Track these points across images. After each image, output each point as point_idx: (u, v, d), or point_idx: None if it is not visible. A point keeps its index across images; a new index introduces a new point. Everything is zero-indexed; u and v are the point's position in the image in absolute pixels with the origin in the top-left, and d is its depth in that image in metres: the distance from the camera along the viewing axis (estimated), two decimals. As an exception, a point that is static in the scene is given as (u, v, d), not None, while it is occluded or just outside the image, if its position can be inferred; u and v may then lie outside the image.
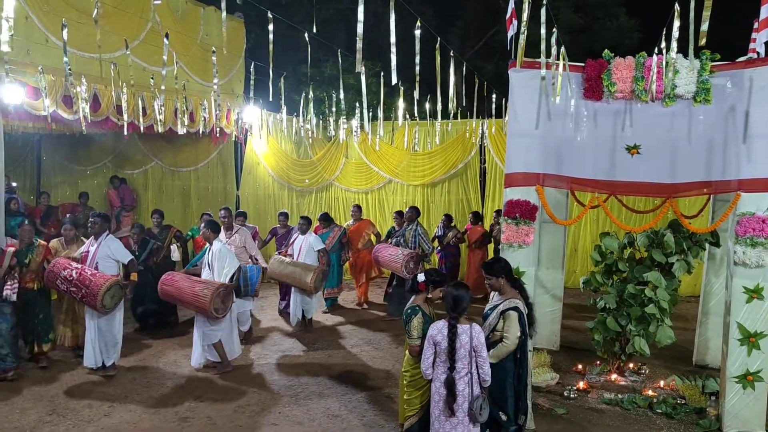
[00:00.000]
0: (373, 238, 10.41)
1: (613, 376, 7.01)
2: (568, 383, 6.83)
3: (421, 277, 4.94)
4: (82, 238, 7.71)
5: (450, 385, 4.33)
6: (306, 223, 9.13)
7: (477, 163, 12.43)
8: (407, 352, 4.91)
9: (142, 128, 8.88)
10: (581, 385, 6.76)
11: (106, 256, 7.07)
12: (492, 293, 5.23)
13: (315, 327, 9.19)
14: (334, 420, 6.00)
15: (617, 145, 6.43)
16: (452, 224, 11.00)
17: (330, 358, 7.87)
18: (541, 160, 6.60)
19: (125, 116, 8.22)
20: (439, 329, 4.40)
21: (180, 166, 13.58)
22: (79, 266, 6.87)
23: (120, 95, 7.99)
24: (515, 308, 4.86)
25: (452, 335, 4.32)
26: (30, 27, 7.18)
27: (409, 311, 4.88)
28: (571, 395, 6.53)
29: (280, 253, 9.23)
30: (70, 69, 6.19)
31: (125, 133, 8.62)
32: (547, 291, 7.86)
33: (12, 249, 6.86)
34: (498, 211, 10.97)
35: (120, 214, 12.89)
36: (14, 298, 6.69)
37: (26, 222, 7.42)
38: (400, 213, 10.42)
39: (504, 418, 4.86)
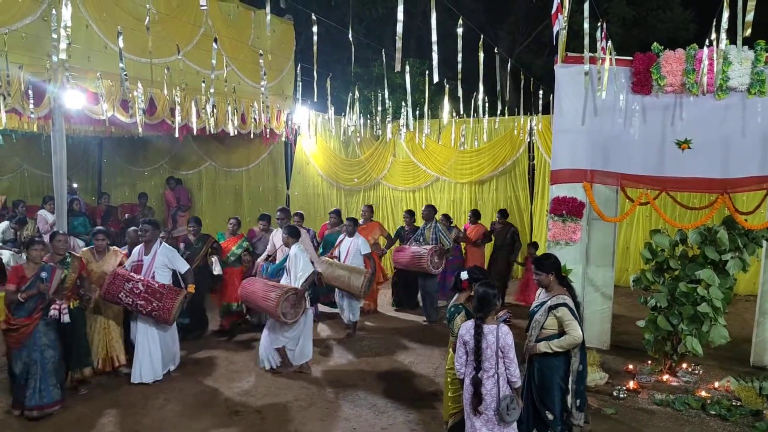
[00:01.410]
0: (381, 240, 10.19)
1: (665, 377, 6.85)
2: (618, 383, 6.71)
3: (464, 275, 4.96)
4: (114, 248, 7.18)
5: (476, 384, 4.32)
6: (353, 225, 8.95)
7: (525, 160, 12.30)
8: (451, 350, 4.94)
9: (195, 130, 9.18)
10: (631, 385, 6.64)
11: (162, 265, 6.83)
12: (538, 291, 5.19)
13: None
14: (380, 416, 6.06)
15: (667, 139, 6.31)
16: (452, 224, 10.72)
17: (375, 358, 7.91)
18: (589, 156, 6.53)
19: (178, 119, 8.49)
20: (467, 329, 4.41)
21: (232, 166, 13.93)
22: (142, 278, 6.55)
23: (174, 98, 8.28)
24: (564, 304, 4.81)
25: (478, 335, 4.31)
26: (90, 35, 7.49)
27: (452, 309, 4.91)
28: (621, 395, 6.42)
29: (328, 256, 9.06)
30: (126, 74, 6.46)
31: (177, 135, 8.89)
32: (596, 289, 7.74)
33: (61, 269, 6.15)
34: (501, 211, 10.82)
35: (176, 214, 13.33)
36: (67, 318, 5.98)
37: (59, 232, 6.71)
38: (410, 212, 10.41)
39: (550, 417, 4.83)
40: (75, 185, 13.54)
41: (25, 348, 5.85)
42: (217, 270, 8.54)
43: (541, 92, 10.98)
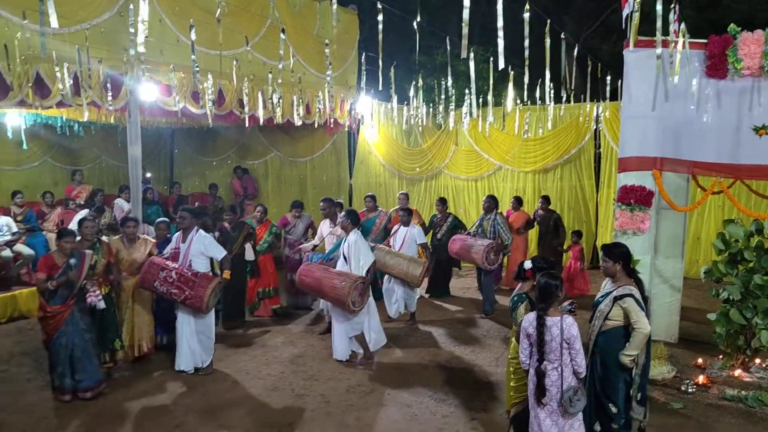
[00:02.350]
0: (420, 229, 9.75)
1: (737, 372, 6.61)
2: (687, 377, 6.51)
3: (527, 264, 4.92)
4: (144, 236, 7.27)
5: (539, 376, 4.28)
6: (407, 215, 8.94)
7: (591, 148, 12.02)
8: (513, 338, 4.92)
9: (261, 120, 9.42)
10: (701, 379, 6.43)
11: (199, 252, 6.77)
12: (605, 281, 5.10)
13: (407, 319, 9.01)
14: (441, 404, 6.10)
15: (743, 125, 6.06)
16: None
17: (434, 348, 7.93)
18: (659, 143, 6.34)
19: (246, 109, 8.73)
20: (530, 321, 4.35)
21: (297, 156, 14.20)
22: (176, 266, 6.57)
23: (242, 89, 8.52)
24: (630, 295, 4.70)
25: (541, 327, 4.25)
26: (163, 28, 7.79)
27: (515, 298, 4.89)
28: (690, 390, 6.24)
29: (383, 244, 8.96)
30: (197, 66, 6.69)
31: (247, 125, 9.15)
32: (665, 281, 7.52)
33: (90, 254, 6.19)
34: (544, 197, 10.64)
35: (243, 203, 13.69)
36: (103, 304, 6.14)
37: (89, 216, 6.97)
38: (443, 200, 10.30)
39: (614, 410, 4.75)
40: (148, 175, 14.10)
41: (64, 334, 5.93)
42: (249, 256, 8.73)
43: (608, 78, 10.70)
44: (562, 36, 7.74)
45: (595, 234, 12.14)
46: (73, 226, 10.19)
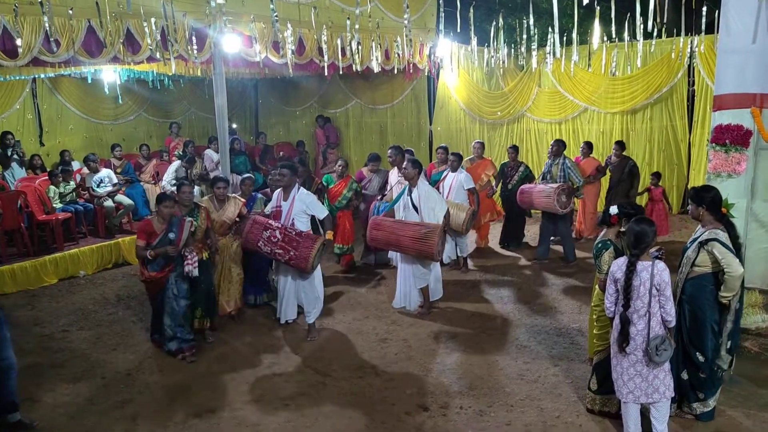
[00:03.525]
0: (492, 179, 9.67)
1: (840, 320, 6.26)
2: (783, 325, 6.24)
3: (614, 210, 4.79)
4: (234, 196, 7.09)
5: (624, 323, 4.18)
6: (458, 160, 8.68)
7: (684, 85, 11.31)
8: (597, 286, 4.85)
9: (341, 69, 9.45)
10: (799, 327, 6.14)
11: (301, 211, 6.55)
12: (697, 228, 4.89)
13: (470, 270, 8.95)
14: (523, 351, 6.14)
15: None
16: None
17: (511, 295, 7.92)
18: (759, 78, 5.93)
19: (326, 57, 8.77)
20: (619, 266, 4.24)
21: (377, 103, 14.20)
22: (279, 225, 6.37)
23: (321, 37, 8.55)
24: (716, 239, 4.50)
25: (630, 272, 4.13)
26: (243, -21, 7.88)
27: (599, 245, 4.79)
28: (786, 338, 5.98)
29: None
30: (276, 15, 6.76)
31: (326, 74, 9.20)
32: (762, 225, 7.07)
33: (189, 220, 6.17)
34: (618, 143, 10.13)
35: (326, 151, 13.95)
36: (196, 272, 6.03)
37: (185, 183, 6.74)
38: (515, 147, 10.02)
39: (701, 359, 4.63)
40: (234, 126, 14.57)
41: (162, 297, 6.04)
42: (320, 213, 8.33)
43: (704, 9, 9.96)
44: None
45: (687, 177, 11.57)
46: (167, 176, 10.82)
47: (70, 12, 6.49)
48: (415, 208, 6.97)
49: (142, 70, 11.16)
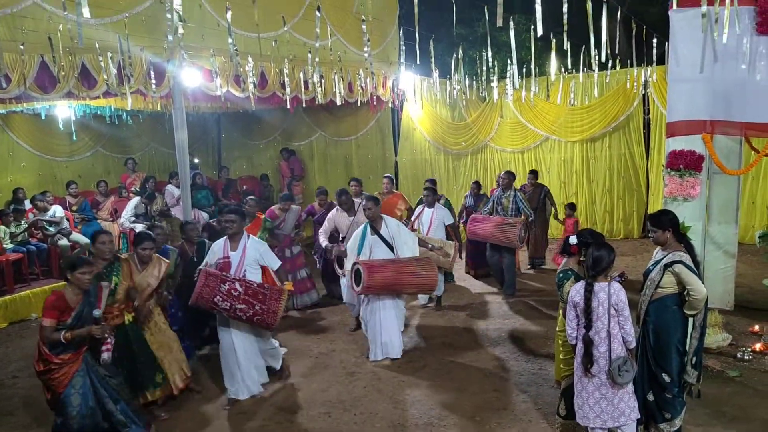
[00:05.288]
0: (405, 214, 9.01)
1: (797, 339, 6.40)
2: (743, 345, 6.34)
3: (573, 240, 4.84)
4: (157, 256, 5.80)
5: (586, 344, 4.22)
6: (431, 195, 8.41)
7: (640, 114, 11.66)
8: (561, 312, 4.88)
9: (304, 101, 9.47)
10: (758, 347, 6.25)
11: (254, 261, 5.80)
12: (655, 250, 4.98)
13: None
14: (492, 378, 6.11)
15: (799, 83, 5.79)
16: (482, 192, 10.24)
17: (482, 320, 7.94)
18: (708, 106, 6.14)
19: (288, 90, 8.78)
20: (577, 290, 4.31)
21: (341, 135, 14.23)
22: (238, 277, 5.60)
23: (283, 71, 8.56)
24: (681, 261, 4.59)
25: (588, 293, 4.20)
26: (202, 13, 7.85)
27: (561, 275, 4.84)
28: (746, 357, 6.06)
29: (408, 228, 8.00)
30: (236, 49, 6.73)
31: (288, 106, 9.19)
32: (719, 247, 7.29)
33: (107, 285, 4.97)
34: (532, 171, 10.30)
35: (291, 184, 13.89)
36: (108, 357, 4.70)
37: (103, 230, 5.97)
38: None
39: (667, 379, 4.66)
40: (196, 160, 14.43)
41: (75, 391, 4.61)
42: None
43: (655, 41, 10.32)
44: (605, -1, 7.49)
45: (646, 202, 11.84)
46: (126, 213, 10.61)
47: (22, 47, 6.36)
48: (389, 246, 6.56)
49: (99, 105, 11.01)
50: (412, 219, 8.55)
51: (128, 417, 4.77)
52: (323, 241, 7.76)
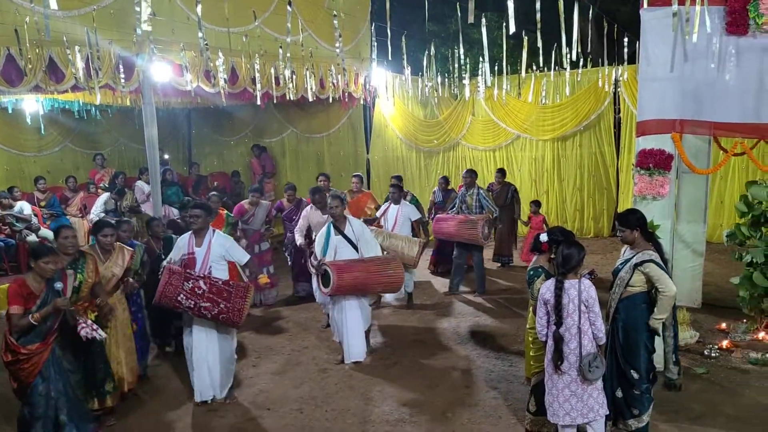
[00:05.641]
0: (374, 213, 8.84)
1: (761, 335, 6.50)
2: (710, 342, 6.44)
3: (543, 237, 4.85)
4: (119, 244, 5.63)
5: (556, 341, 4.24)
6: (398, 192, 8.32)
7: (611, 113, 11.78)
8: (531, 309, 4.90)
9: (275, 97, 9.37)
10: (724, 344, 6.36)
11: (220, 257, 5.69)
12: (623, 248, 5.04)
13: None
14: (463, 375, 6.14)
15: (766, 83, 5.87)
16: (449, 187, 10.23)
17: (454, 318, 7.97)
18: (678, 105, 6.19)
19: (259, 86, 8.68)
20: (548, 287, 4.33)
21: (313, 132, 14.15)
22: (201, 274, 5.48)
23: (254, 66, 8.46)
24: (651, 260, 4.66)
25: (558, 290, 4.23)
26: (172, 7, 7.72)
27: (531, 272, 4.84)
28: (713, 354, 6.16)
29: (374, 225, 8.18)
30: (206, 44, 6.62)
31: (258, 102, 9.08)
32: (687, 246, 7.40)
33: (71, 273, 4.84)
34: (500, 170, 10.36)
35: (262, 181, 13.76)
36: (102, 334, 4.80)
37: (66, 224, 5.87)
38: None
39: (635, 376, 4.72)
40: (166, 156, 14.21)
41: (43, 380, 4.55)
42: None
43: (626, 40, 10.44)
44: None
45: (616, 201, 11.99)
46: (96, 209, 10.40)
47: (-13, 40, 6.21)
48: (353, 246, 6.49)
49: (67, 100, 10.79)
50: (378, 216, 8.50)
51: (74, 426, 4.65)
52: (299, 239, 7.71)
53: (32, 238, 9.44)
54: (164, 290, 5.26)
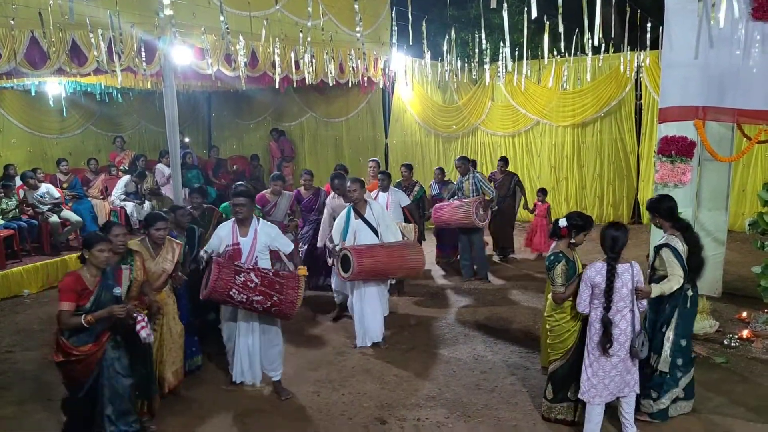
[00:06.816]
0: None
1: (782, 325, 6.47)
2: (730, 331, 6.41)
3: (562, 222, 4.83)
4: (170, 238, 5.32)
5: (606, 324, 4.30)
6: (387, 179, 8.07)
7: (632, 99, 11.65)
8: (549, 297, 4.90)
9: (295, 82, 9.38)
10: (744, 334, 6.32)
11: (265, 247, 5.45)
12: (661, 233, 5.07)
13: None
14: (479, 361, 6.15)
15: (792, 70, 5.79)
16: (446, 178, 10.06)
17: (472, 305, 7.99)
18: (701, 91, 6.13)
19: (278, 70, 8.69)
20: (597, 270, 4.35)
21: (332, 116, 14.16)
22: (252, 266, 5.21)
23: (274, 50, 8.48)
24: (667, 245, 4.71)
25: (611, 275, 4.28)
26: (194, -10, 7.77)
27: (552, 258, 4.83)
28: (733, 344, 6.13)
29: None
30: (227, 27, 6.66)
31: (277, 86, 9.10)
32: (708, 234, 7.34)
33: (126, 267, 4.63)
34: (502, 158, 10.12)
35: (281, 165, 13.82)
36: (152, 338, 4.57)
37: (115, 222, 5.65)
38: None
39: (654, 358, 4.79)
40: (187, 139, 14.31)
41: (97, 379, 4.29)
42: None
43: (649, 26, 10.29)
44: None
45: (636, 188, 11.88)
46: (117, 192, 10.53)
47: (12, 22, 6.27)
48: (373, 230, 6.39)
49: (89, 83, 10.88)
50: None
51: (118, 427, 4.34)
52: (325, 240, 7.17)
53: (54, 219, 9.59)
54: (215, 285, 4.92)
